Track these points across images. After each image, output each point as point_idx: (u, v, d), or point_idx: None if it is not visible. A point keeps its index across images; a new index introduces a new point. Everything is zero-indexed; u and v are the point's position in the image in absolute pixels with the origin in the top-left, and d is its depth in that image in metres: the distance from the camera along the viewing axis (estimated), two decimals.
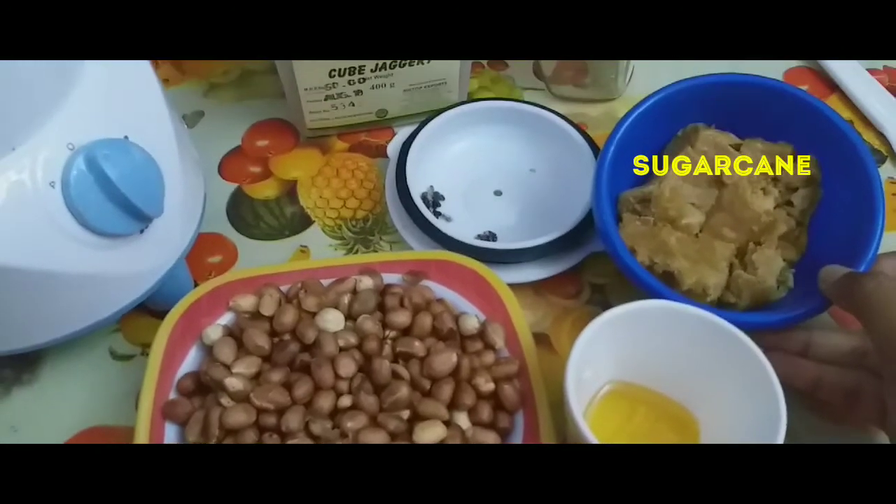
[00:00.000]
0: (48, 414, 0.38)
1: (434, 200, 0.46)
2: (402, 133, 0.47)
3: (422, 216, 0.42)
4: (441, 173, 0.47)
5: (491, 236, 0.45)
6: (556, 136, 0.47)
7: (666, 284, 0.38)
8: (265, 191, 0.47)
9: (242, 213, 0.46)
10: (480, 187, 0.47)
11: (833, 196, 0.42)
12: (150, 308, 0.41)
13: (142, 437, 0.33)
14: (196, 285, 0.41)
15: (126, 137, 0.35)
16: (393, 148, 0.46)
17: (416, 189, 0.44)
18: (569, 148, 0.46)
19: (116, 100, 0.35)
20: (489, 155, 0.48)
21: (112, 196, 0.33)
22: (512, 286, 0.39)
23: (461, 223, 0.45)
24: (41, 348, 0.37)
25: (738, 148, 0.43)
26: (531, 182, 0.47)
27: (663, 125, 0.44)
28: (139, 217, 0.34)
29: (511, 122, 0.48)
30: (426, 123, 0.46)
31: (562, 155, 0.47)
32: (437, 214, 0.45)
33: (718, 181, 0.42)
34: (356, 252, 0.45)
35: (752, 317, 0.38)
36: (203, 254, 0.44)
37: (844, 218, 0.40)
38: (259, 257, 0.44)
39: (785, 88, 0.43)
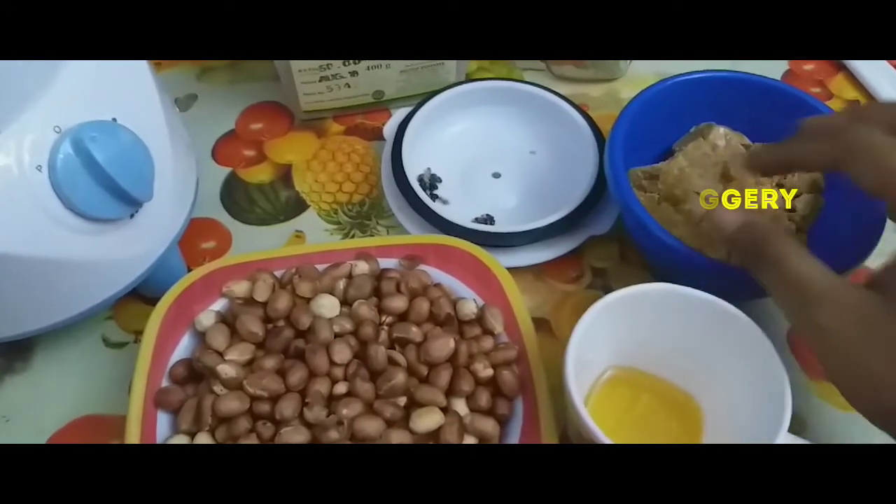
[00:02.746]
0: (40, 403, 0.38)
1: (431, 183, 0.45)
2: (399, 114, 0.46)
3: (418, 199, 0.41)
4: (438, 155, 0.46)
5: (489, 219, 0.44)
6: (557, 117, 0.46)
7: None
8: (259, 175, 0.47)
9: (236, 197, 0.46)
10: (479, 169, 0.46)
11: (835, 206, 0.41)
12: (144, 294, 0.40)
13: (134, 426, 0.32)
14: (189, 271, 0.40)
15: (114, 120, 0.34)
16: (389, 129, 0.45)
17: (413, 171, 0.43)
18: (569, 129, 0.45)
19: (104, 81, 0.34)
20: (488, 136, 0.47)
21: (100, 179, 0.32)
22: (511, 270, 0.38)
23: (459, 206, 0.44)
24: (33, 336, 0.36)
25: (748, 149, 0.43)
26: (531, 164, 0.46)
27: (672, 115, 0.43)
28: (128, 201, 0.34)
29: (510, 103, 0.47)
30: (423, 104, 0.45)
31: (562, 136, 0.46)
32: (434, 197, 0.44)
33: (725, 176, 0.42)
34: (352, 237, 0.44)
35: None
36: (197, 239, 0.43)
37: (846, 226, 0.39)
38: (253, 242, 0.43)
39: (789, 91, 0.43)
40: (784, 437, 0.29)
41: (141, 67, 0.36)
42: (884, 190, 0.28)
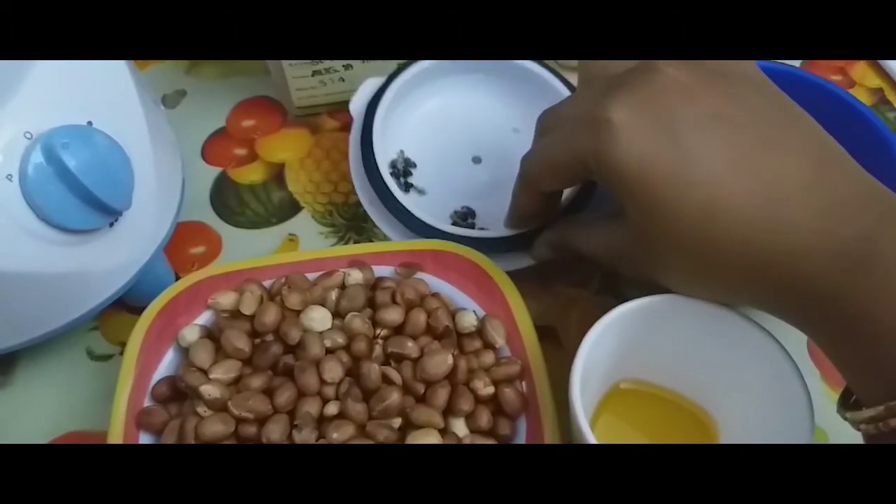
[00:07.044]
0: (23, 419, 0.36)
1: (405, 169, 0.40)
2: (367, 87, 0.40)
3: (391, 195, 0.36)
4: (412, 136, 0.41)
5: (470, 213, 0.39)
6: (540, 89, 0.40)
7: None
8: (251, 175, 0.44)
9: (227, 199, 0.43)
10: (457, 153, 0.41)
11: None
12: (130, 304, 0.38)
13: None
14: (178, 278, 0.39)
15: (90, 123, 0.32)
16: (357, 106, 0.39)
17: (385, 157, 0.38)
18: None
19: (79, 82, 0.32)
20: (465, 113, 0.42)
21: (74, 188, 0.30)
22: (513, 274, 0.36)
23: (436, 197, 0.40)
24: (13, 350, 0.34)
25: None
26: (514, 144, 0.40)
27: None
28: (105, 210, 0.32)
29: (489, 71, 0.42)
30: (395, 76, 0.40)
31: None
32: (409, 186, 0.40)
33: None
34: (348, 240, 0.42)
35: None
36: (185, 244, 0.41)
37: None
38: (245, 247, 0.41)
39: (810, 79, 0.40)
40: None
41: (119, 66, 0.34)
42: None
